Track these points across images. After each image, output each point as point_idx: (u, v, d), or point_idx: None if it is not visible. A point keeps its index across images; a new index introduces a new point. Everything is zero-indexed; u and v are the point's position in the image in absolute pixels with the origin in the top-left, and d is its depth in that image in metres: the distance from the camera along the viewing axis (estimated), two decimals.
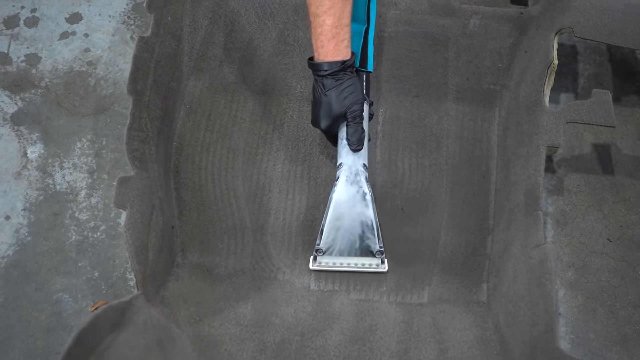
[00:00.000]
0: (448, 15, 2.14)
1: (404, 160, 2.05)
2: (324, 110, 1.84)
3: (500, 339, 1.76)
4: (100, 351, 1.47)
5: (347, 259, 1.92)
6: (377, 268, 1.92)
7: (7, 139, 2.24)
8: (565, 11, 1.99)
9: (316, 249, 1.91)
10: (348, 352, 1.77)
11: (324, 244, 1.90)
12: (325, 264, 1.92)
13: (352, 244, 1.91)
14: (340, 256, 1.92)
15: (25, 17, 2.43)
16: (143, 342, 1.58)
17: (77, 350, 1.41)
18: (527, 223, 1.78)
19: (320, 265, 1.92)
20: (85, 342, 1.43)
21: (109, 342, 1.50)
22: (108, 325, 1.52)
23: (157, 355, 1.61)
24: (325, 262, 1.92)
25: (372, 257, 1.92)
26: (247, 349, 1.77)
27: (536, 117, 1.89)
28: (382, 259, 1.92)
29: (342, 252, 1.92)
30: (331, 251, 1.92)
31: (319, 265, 1.92)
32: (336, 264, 1.92)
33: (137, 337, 1.58)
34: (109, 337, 1.51)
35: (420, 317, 1.85)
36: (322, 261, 1.92)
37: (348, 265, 1.92)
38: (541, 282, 1.64)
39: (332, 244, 1.91)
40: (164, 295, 1.80)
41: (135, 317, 1.60)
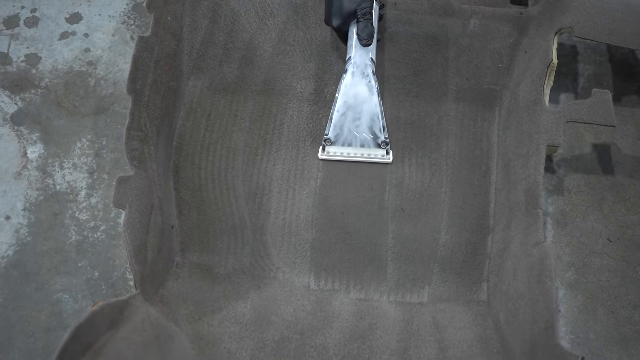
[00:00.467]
0: (448, 16, 2.14)
1: (404, 160, 2.05)
2: (336, 7, 1.96)
3: (500, 337, 1.76)
4: (97, 348, 1.47)
5: (354, 149, 2.02)
6: (382, 159, 2.02)
7: (7, 139, 2.24)
8: (565, 11, 1.99)
9: (325, 138, 2.00)
10: (347, 351, 1.77)
11: (332, 133, 1.99)
12: (333, 154, 2.02)
13: (359, 134, 2.00)
14: (348, 146, 2.02)
15: (25, 17, 2.43)
16: (140, 340, 1.58)
17: (74, 346, 1.41)
18: (526, 222, 1.78)
19: (328, 154, 2.02)
20: (81, 338, 1.43)
21: (106, 339, 1.50)
22: (106, 323, 1.52)
23: (155, 353, 1.61)
24: (334, 151, 2.02)
25: (378, 147, 2.01)
26: (246, 347, 1.77)
27: (536, 117, 1.89)
28: (387, 150, 2.01)
29: (350, 143, 2.01)
30: (339, 141, 2.01)
31: (328, 155, 2.02)
32: (344, 153, 2.02)
33: (135, 334, 1.58)
34: (106, 334, 1.51)
35: (420, 316, 1.85)
36: (330, 150, 2.02)
37: (355, 156, 2.02)
38: (541, 280, 1.64)
39: (340, 134, 2.00)
40: (163, 294, 1.80)
41: (133, 316, 1.60)
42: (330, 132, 1.99)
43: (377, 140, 2.00)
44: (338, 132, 2.00)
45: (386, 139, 1.99)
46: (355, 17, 1.97)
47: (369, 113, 1.98)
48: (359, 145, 2.02)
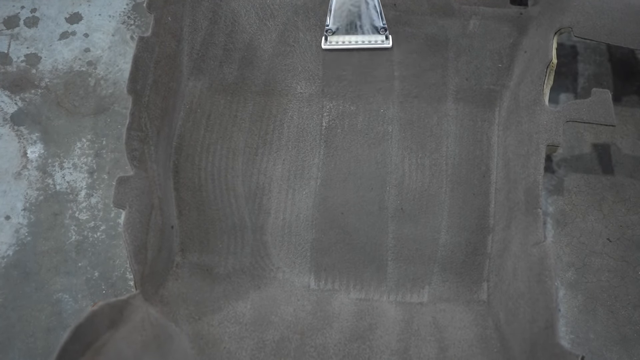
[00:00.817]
0: (448, 16, 2.14)
1: (403, 160, 2.05)
2: None
3: (500, 336, 1.76)
4: (97, 347, 1.47)
5: (354, 36, 2.07)
6: (382, 44, 2.07)
7: (7, 139, 2.24)
8: (564, 11, 1.99)
9: (326, 29, 2.04)
10: (348, 350, 1.77)
11: (333, 23, 2.04)
12: (335, 43, 2.07)
13: (359, 22, 2.04)
14: (349, 34, 2.06)
15: (25, 17, 2.43)
16: (140, 340, 1.58)
17: (74, 345, 1.41)
18: (526, 221, 1.79)
19: (331, 44, 2.07)
20: (81, 338, 1.43)
21: (106, 338, 1.50)
22: (106, 322, 1.52)
23: (154, 352, 1.61)
24: (336, 40, 2.07)
25: (377, 34, 2.05)
26: (246, 347, 1.77)
27: (536, 117, 1.89)
28: (386, 35, 2.06)
29: (350, 31, 2.05)
30: (340, 30, 2.05)
31: (330, 44, 2.07)
32: (345, 42, 2.07)
33: (135, 334, 1.58)
34: (106, 334, 1.51)
35: (421, 315, 1.85)
36: (332, 40, 2.06)
37: (356, 43, 2.06)
38: (541, 279, 1.64)
39: (340, 23, 2.04)
40: (163, 294, 1.80)
41: (133, 315, 1.60)
42: (331, 22, 2.05)
43: (377, 27, 2.05)
44: (338, 21, 2.04)
45: (384, 24, 2.05)
46: None
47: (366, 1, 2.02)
48: (359, 32, 2.07)
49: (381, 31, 2.04)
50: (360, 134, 2.08)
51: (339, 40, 2.06)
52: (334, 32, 2.05)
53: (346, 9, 2.01)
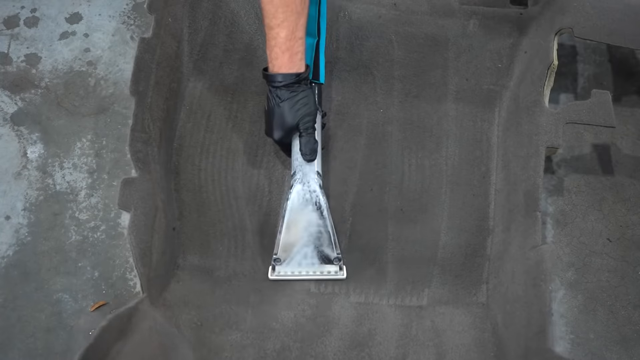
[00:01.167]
0: (448, 16, 2.14)
1: (403, 161, 2.05)
2: (277, 121, 1.85)
3: (497, 340, 1.76)
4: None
5: (306, 267, 1.92)
6: (336, 275, 1.92)
7: (7, 139, 2.24)
8: (564, 11, 1.99)
9: (274, 258, 1.91)
10: (347, 359, 1.77)
11: (282, 253, 1.91)
12: (284, 273, 1.92)
13: (310, 252, 1.91)
14: (299, 265, 1.92)
15: (25, 17, 2.42)
16: (148, 353, 1.58)
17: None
18: (525, 224, 1.79)
19: (279, 274, 1.92)
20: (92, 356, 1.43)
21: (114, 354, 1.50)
22: (114, 334, 1.52)
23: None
24: (285, 271, 1.92)
25: (331, 264, 1.92)
26: (247, 357, 1.77)
27: (536, 118, 1.89)
28: (340, 266, 1.93)
29: (301, 261, 1.92)
30: (290, 260, 1.92)
31: (278, 275, 1.92)
32: (295, 272, 1.92)
33: (142, 347, 1.58)
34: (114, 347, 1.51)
35: (420, 320, 1.85)
36: (281, 270, 1.92)
37: (307, 274, 1.92)
38: (536, 283, 1.64)
39: (290, 253, 1.92)
40: (167, 297, 1.80)
41: (141, 324, 1.60)
42: (279, 251, 1.91)
43: (330, 257, 1.92)
44: (288, 252, 1.91)
45: (338, 254, 1.92)
46: (297, 131, 1.88)
47: (318, 231, 1.91)
48: (311, 263, 1.92)
49: (335, 262, 1.92)
50: (359, 134, 2.08)
51: (287, 270, 1.92)
52: (282, 262, 1.91)
53: (296, 237, 1.90)
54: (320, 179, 1.92)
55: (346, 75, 2.13)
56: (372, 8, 2.15)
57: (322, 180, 1.92)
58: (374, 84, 2.12)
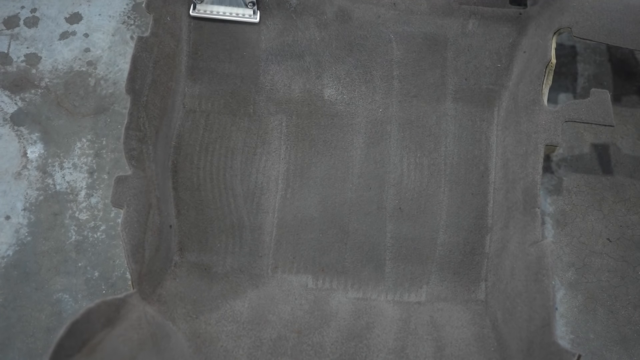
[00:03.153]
0: (447, 16, 2.15)
1: (402, 160, 2.05)
2: None
3: (497, 335, 1.76)
4: (93, 345, 1.47)
5: (223, 7, 2.04)
6: (250, 18, 2.05)
7: (7, 139, 2.24)
8: (563, 11, 1.99)
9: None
10: (344, 349, 1.77)
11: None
12: (203, 12, 2.04)
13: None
14: (217, 4, 2.03)
15: (25, 17, 2.43)
16: (136, 338, 1.58)
17: (69, 341, 1.41)
18: (524, 220, 1.79)
19: (199, 12, 2.04)
20: (77, 334, 1.43)
21: (102, 336, 1.50)
22: (102, 320, 1.52)
23: (150, 351, 1.61)
24: (204, 9, 2.04)
25: (245, 7, 2.03)
26: (243, 345, 1.77)
27: (535, 116, 1.89)
28: (254, 10, 2.04)
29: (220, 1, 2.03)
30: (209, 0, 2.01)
31: (198, 13, 2.04)
32: (213, 12, 2.04)
33: (131, 332, 1.58)
34: (102, 331, 1.51)
35: (418, 315, 1.85)
36: (200, 9, 2.03)
37: (224, 14, 2.04)
38: (538, 278, 1.64)
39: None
40: (161, 293, 1.80)
41: (130, 314, 1.61)
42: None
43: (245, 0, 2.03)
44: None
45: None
46: None
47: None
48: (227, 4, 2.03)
49: (249, 5, 2.02)
50: (359, 134, 2.08)
51: (207, 9, 2.04)
52: (202, 1, 2.03)
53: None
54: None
55: (345, 75, 2.13)
56: (372, 7, 2.16)
57: None
58: (373, 83, 2.12)
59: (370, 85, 2.12)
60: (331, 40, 2.15)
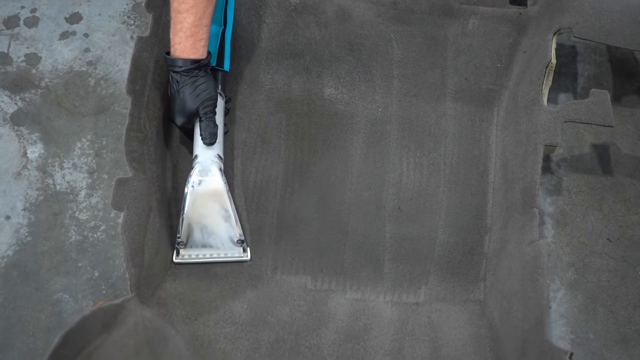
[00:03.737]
0: (447, 16, 2.15)
1: (401, 160, 2.05)
2: (178, 106, 1.87)
3: (493, 335, 1.77)
4: (88, 353, 1.46)
5: (209, 250, 1.93)
6: (240, 257, 1.94)
7: (7, 139, 2.24)
8: (564, 11, 1.99)
9: (177, 242, 1.90)
10: (342, 351, 1.78)
11: (184, 236, 1.90)
12: (188, 257, 1.92)
13: (213, 234, 1.92)
14: (203, 247, 1.93)
15: (25, 17, 2.43)
16: (132, 344, 1.58)
17: (64, 351, 1.40)
18: (523, 220, 1.79)
19: (183, 258, 1.91)
20: (72, 343, 1.42)
21: (98, 343, 1.50)
22: (98, 327, 1.51)
23: (147, 356, 1.61)
24: (189, 254, 1.92)
25: (234, 246, 1.93)
26: (241, 347, 1.77)
27: (534, 117, 1.89)
28: (243, 247, 1.94)
29: (205, 244, 1.93)
30: (193, 243, 1.92)
31: (183, 259, 1.91)
32: (199, 255, 1.92)
33: (127, 338, 1.57)
34: (98, 338, 1.50)
35: (416, 316, 1.85)
36: (185, 254, 1.92)
37: (211, 257, 1.93)
38: (534, 277, 1.65)
39: (193, 236, 1.92)
40: (160, 296, 1.80)
41: (127, 319, 1.60)
42: (183, 234, 1.89)
43: (233, 239, 1.93)
44: (191, 235, 1.91)
45: (241, 236, 1.92)
46: (198, 116, 1.88)
47: (219, 213, 1.90)
48: (214, 245, 1.93)
49: (237, 243, 1.92)
50: (358, 133, 2.09)
51: (192, 254, 1.91)
52: (185, 245, 1.91)
53: (199, 221, 1.90)
54: (221, 162, 1.92)
55: (345, 74, 2.13)
56: (372, 7, 2.16)
57: (222, 163, 1.92)
58: (372, 82, 2.12)
59: (370, 85, 2.12)
60: (331, 39, 2.15)
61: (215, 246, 1.93)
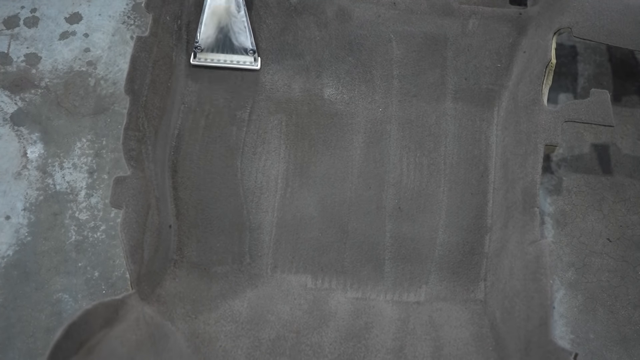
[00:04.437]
0: (447, 16, 2.14)
1: (402, 160, 2.05)
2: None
3: (495, 335, 1.77)
4: (91, 346, 1.47)
5: (223, 55, 2.07)
6: (251, 65, 2.08)
7: (7, 139, 2.24)
8: (563, 12, 1.99)
9: (195, 45, 2.03)
10: (343, 349, 1.78)
11: (202, 40, 2.03)
12: (204, 60, 2.07)
13: (228, 41, 2.04)
14: (218, 52, 2.06)
15: (25, 17, 2.43)
16: (134, 339, 1.58)
17: (67, 343, 1.41)
18: (523, 220, 1.79)
19: (199, 60, 2.06)
20: (75, 336, 1.43)
21: (100, 337, 1.50)
22: (100, 322, 1.52)
23: (148, 351, 1.61)
24: (205, 57, 2.07)
25: (246, 55, 2.06)
26: (242, 345, 1.77)
27: (534, 116, 1.89)
28: (255, 57, 2.07)
29: (220, 49, 2.06)
30: (209, 48, 2.05)
31: (199, 61, 2.06)
32: (214, 60, 2.07)
33: (129, 333, 1.58)
34: (100, 332, 1.51)
35: (417, 315, 1.85)
36: (201, 57, 2.06)
37: (225, 62, 2.07)
38: (536, 277, 1.65)
39: (210, 41, 2.04)
40: (160, 293, 1.81)
41: (128, 315, 1.61)
42: (201, 39, 2.03)
43: (245, 48, 2.05)
44: (208, 39, 2.04)
45: (253, 47, 2.05)
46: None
47: (236, 21, 2.02)
48: (228, 51, 2.07)
49: (249, 53, 2.05)
50: (358, 133, 2.09)
51: (207, 57, 2.07)
52: (202, 49, 2.05)
53: (216, 26, 2.02)
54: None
55: (345, 74, 2.13)
56: (372, 7, 2.16)
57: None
58: (372, 82, 2.12)
59: (370, 85, 2.12)
60: (331, 40, 2.15)
61: (229, 52, 2.07)
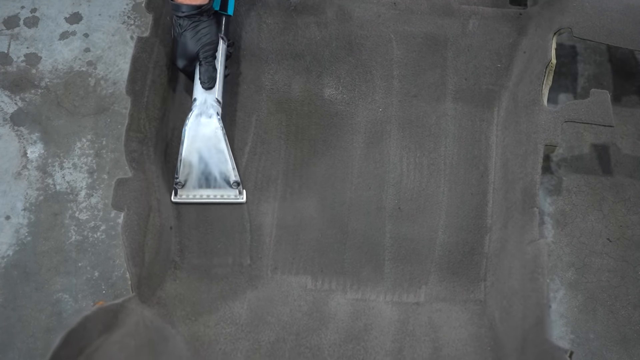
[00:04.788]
0: (447, 16, 2.14)
1: (402, 160, 2.05)
2: (180, 49, 1.94)
3: (494, 335, 1.77)
4: (89, 353, 1.46)
5: (206, 191, 1.99)
6: (236, 199, 2.00)
7: (7, 139, 2.24)
8: (564, 11, 1.99)
9: (175, 182, 1.96)
10: (342, 351, 1.78)
11: (182, 176, 1.96)
12: (186, 197, 1.98)
13: (210, 176, 1.97)
14: (200, 188, 1.98)
15: (25, 17, 2.43)
16: (133, 344, 1.58)
17: (65, 350, 1.40)
18: (523, 220, 1.79)
19: (181, 198, 1.97)
20: (73, 343, 1.42)
21: (99, 343, 1.50)
22: (99, 327, 1.52)
23: (147, 356, 1.61)
24: (187, 194, 1.98)
25: (230, 188, 1.99)
26: (241, 348, 1.77)
27: (534, 117, 1.89)
28: (239, 190, 2.00)
29: (202, 185, 1.98)
30: (190, 184, 1.98)
31: (180, 198, 1.97)
32: (196, 196, 1.98)
33: (128, 338, 1.57)
34: (99, 338, 1.51)
35: (416, 316, 1.85)
36: (183, 194, 1.97)
37: (208, 197, 1.99)
38: (534, 277, 1.65)
39: (191, 177, 1.97)
40: (161, 296, 1.81)
41: (128, 319, 1.60)
42: (180, 175, 1.95)
43: (229, 181, 1.98)
44: (188, 174, 1.96)
45: (237, 179, 1.98)
46: (198, 60, 1.95)
47: (216, 156, 1.96)
48: (211, 186, 1.99)
49: (233, 186, 1.98)
50: (358, 133, 2.09)
51: (189, 194, 1.97)
52: (183, 186, 1.97)
53: (196, 162, 1.95)
54: (220, 106, 1.96)
55: (345, 74, 2.13)
56: (372, 7, 2.16)
57: (221, 107, 1.97)
58: (373, 83, 2.12)
59: (370, 85, 2.12)
60: (331, 40, 2.15)
61: (211, 187, 1.99)
